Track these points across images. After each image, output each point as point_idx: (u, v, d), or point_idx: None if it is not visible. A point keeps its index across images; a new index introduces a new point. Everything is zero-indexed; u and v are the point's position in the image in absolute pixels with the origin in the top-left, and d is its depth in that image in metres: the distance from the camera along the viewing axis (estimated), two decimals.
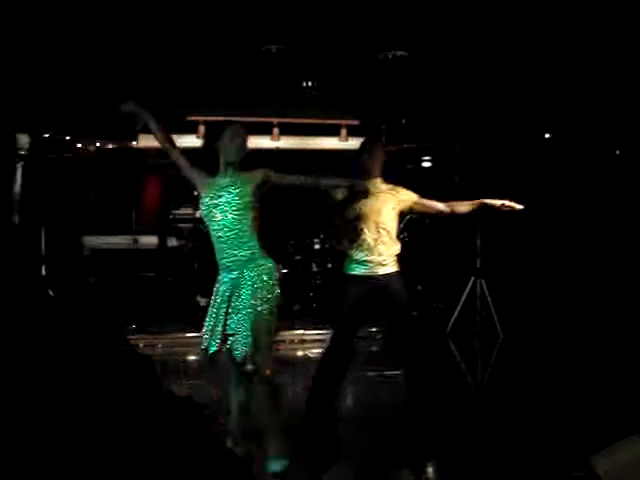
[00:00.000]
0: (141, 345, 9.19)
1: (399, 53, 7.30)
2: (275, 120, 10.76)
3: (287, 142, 11.14)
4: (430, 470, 5.34)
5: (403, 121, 10.47)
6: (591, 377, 7.56)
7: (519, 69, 7.82)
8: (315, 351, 9.57)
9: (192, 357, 9.09)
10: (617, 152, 10.52)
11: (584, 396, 6.76)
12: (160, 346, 9.34)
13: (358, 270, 5.67)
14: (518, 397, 6.95)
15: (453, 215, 5.85)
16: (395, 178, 5.88)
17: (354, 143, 11.28)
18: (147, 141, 10.71)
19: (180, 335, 9.62)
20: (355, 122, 10.97)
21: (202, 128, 10.30)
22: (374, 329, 9.86)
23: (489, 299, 9.94)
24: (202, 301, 10.79)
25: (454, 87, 8.60)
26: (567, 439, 5.41)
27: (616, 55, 7.37)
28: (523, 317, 10.14)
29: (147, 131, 4.69)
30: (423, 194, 5.88)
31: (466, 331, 9.99)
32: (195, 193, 11.25)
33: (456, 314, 9.89)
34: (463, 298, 9.92)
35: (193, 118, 10.42)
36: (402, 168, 11.22)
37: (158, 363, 8.60)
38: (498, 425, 6.12)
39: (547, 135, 10.77)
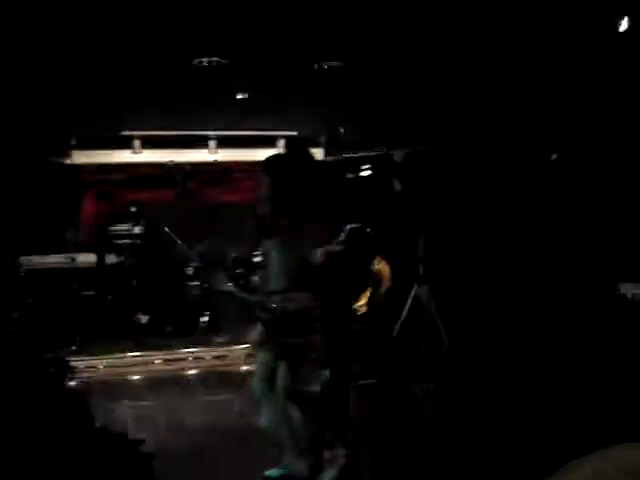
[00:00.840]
0: (81, 366, 8.98)
1: (335, 63, 7.26)
2: (212, 133, 10.64)
3: (225, 154, 11.04)
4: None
5: (342, 130, 10.45)
6: (536, 386, 7.56)
7: (453, 75, 7.84)
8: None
9: (135, 377, 8.93)
10: (553, 157, 10.62)
11: (529, 409, 6.71)
12: (101, 367, 9.15)
13: None
14: (462, 407, 6.92)
15: None
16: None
17: None
18: (81, 157, 10.52)
19: (122, 355, 9.45)
20: (293, 133, 10.91)
21: (137, 142, 10.13)
22: None
23: (433, 305, 9.94)
24: (143, 319, 10.61)
25: (391, 95, 8.59)
26: (511, 460, 5.28)
27: (543, 61, 7.43)
28: (467, 323, 10.17)
29: (82, 147, 4.56)
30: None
31: (411, 337, 9.98)
32: (133, 209, 11.01)
33: (401, 320, 9.88)
34: (407, 304, 9.91)
35: (127, 133, 10.25)
36: (342, 178, 11.24)
37: (99, 385, 8.49)
38: (440, 439, 6.04)
39: (485, 141, 10.82)
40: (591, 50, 7.02)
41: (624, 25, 6.30)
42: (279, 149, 10.93)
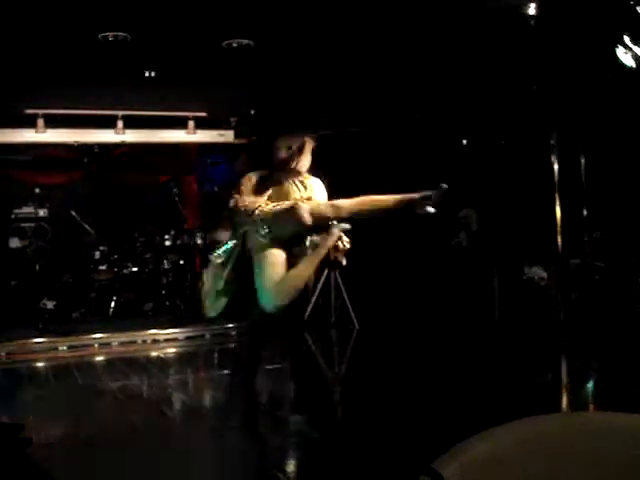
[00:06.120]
0: None
1: (245, 42, 7.14)
2: (119, 113, 10.38)
3: (132, 135, 10.79)
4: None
5: (252, 112, 10.33)
6: (441, 370, 7.62)
7: (365, 58, 7.81)
8: (169, 351, 9.34)
9: (40, 364, 8.68)
10: (464, 142, 10.73)
11: (433, 390, 6.74)
12: (4, 354, 8.87)
13: None
14: (371, 391, 6.91)
15: None
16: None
17: (202, 136, 11.06)
18: None
19: (27, 341, 9.18)
20: (203, 114, 10.74)
21: (41, 121, 9.80)
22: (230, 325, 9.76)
23: (344, 290, 9.97)
24: (49, 304, 10.34)
25: (304, 76, 8.51)
26: (415, 440, 5.26)
27: (454, 49, 7.46)
28: (377, 307, 10.21)
29: None
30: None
31: (322, 322, 9.99)
32: (37, 190, 10.73)
33: (311, 305, 9.86)
34: (318, 289, 9.91)
35: (31, 111, 9.89)
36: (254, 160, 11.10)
37: (2, 372, 8.23)
38: (349, 423, 6.02)
39: (399, 125, 10.85)
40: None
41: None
42: (189, 130, 10.76)
